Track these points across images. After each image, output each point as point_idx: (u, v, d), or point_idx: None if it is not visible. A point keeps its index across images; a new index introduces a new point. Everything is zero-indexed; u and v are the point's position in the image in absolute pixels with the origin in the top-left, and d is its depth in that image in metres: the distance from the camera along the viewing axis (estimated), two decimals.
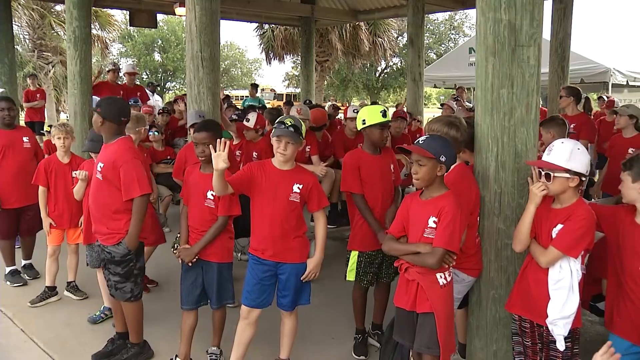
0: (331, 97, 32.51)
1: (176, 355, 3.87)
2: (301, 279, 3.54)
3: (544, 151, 4.70)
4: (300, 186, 3.48)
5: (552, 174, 2.80)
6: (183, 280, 3.85)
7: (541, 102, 8.73)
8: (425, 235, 2.92)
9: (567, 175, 2.77)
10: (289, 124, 3.39)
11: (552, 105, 8.24)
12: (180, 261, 3.80)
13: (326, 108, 9.08)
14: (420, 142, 2.97)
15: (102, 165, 3.80)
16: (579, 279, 2.81)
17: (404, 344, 3.22)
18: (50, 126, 5.14)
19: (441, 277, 2.94)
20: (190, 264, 3.73)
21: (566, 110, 6.49)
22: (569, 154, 2.78)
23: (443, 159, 2.89)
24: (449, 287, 3.01)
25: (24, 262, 5.71)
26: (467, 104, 10.23)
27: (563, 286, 2.80)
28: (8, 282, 5.48)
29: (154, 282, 5.49)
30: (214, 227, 3.69)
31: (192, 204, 3.78)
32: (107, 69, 9.39)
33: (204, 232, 3.71)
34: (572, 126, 5.80)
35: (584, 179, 2.81)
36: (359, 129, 4.06)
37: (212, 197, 3.67)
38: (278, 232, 3.47)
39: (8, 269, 5.53)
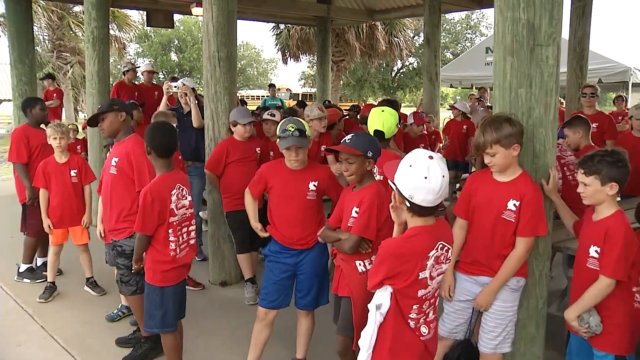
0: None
1: None
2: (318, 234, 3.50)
3: (572, 151, 4.67)
4: (316, 183, 3.55)
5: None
6: None
7: (563, 102, 8.67)
8: (349, 225, 3.12)
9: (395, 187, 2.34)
10: (292, 129, 3.42)
11: (570, 105, 8.15)
12: None
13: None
14: (347, 141, 3.09)
15: (116, 159, 3.97)
16: (379, 321, 2.31)
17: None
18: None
19: (360, 264, 3.13)
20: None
21: (585, 109, 6.39)
22: (400, 167, 2.29)
23: (370, 154, 3.06)
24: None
25: (42, 260, 5.80)
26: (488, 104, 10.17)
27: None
28: (27, 280, 5.56)
29: (200, 284, 5.46)
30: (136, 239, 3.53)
31: None
32: (123, 69, 9.45)
33: None
34: (594, 125, 5.68)
35: (407, 204, 2.27)
36: (392, 132, 3.82)
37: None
38: (299, 230, 3.54)
39: (25, 267, 5.61)
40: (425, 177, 2.20)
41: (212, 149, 5.26)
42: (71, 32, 23.10)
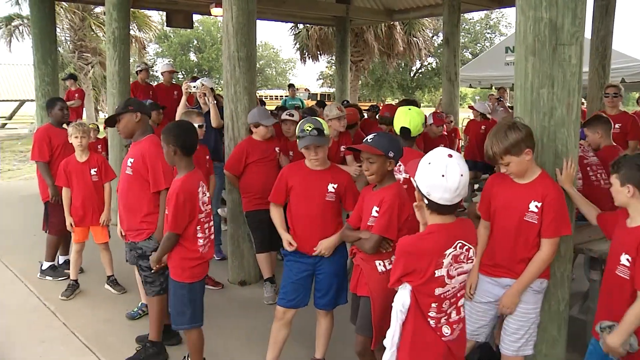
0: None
1: (187, 355, 3.83)
2: (314, 249, 3.53)
3: (593, 152, 4.61)
4: (335, 185, 3.53)
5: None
6: None
7: (584, 102, 8.55)
8: (369, 224, 3.11)
9: (415, 184, 2.35)
10: (310, 129, 3.43)
11: (591, 105, 8.04)
12: None
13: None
14: (368, 140, 3.09)
15: (132, 160, 3.96)
16: (401, 319, 2.34)
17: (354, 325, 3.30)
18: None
19: (380, 264, 3.12)
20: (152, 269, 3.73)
21: (608, 109, 6.29)
22: (420, 165, 2.32)
23: (391, 154, 3.05)
24: (388, 275, 2.84)
25: (64, 258, 5.88)
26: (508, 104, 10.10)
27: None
28: (49, 277, 5.65)
29: (220, 284, 5.49)
30: (163, 239, 3.56)
31: None
32: (137, 69, 9.53)
33: None
34: (617, 126, 5.59)
35: (425, 201, 2.32)
36: (418, 131, 3.85)
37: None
38: (317, 231, 3.52)
39: (47, 265, 5.71)
40: (443, 175, 2.22)
41: (232, 149, 5.28)
42: (92, 33, 23.42)
